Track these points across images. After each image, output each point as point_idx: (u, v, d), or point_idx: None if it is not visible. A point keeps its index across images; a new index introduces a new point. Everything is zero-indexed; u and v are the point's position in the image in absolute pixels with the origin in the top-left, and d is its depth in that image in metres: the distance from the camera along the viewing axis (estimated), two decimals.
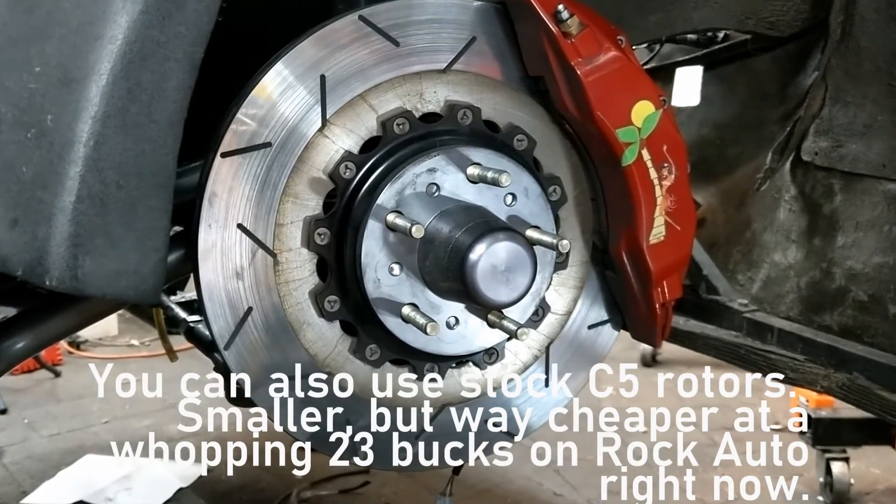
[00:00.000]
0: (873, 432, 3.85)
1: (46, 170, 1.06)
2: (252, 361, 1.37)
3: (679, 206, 1.49)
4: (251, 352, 1.37)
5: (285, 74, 1.33)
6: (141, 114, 1.08)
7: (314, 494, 3.70)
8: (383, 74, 1.38)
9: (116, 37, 1.05)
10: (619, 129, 1.40)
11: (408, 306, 1.37)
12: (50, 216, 1.05)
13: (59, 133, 1.05)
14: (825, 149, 1.88)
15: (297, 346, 1.40)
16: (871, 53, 1.77)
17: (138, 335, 5.88)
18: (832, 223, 1.90)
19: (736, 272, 2.14)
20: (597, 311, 1.64)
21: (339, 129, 1.37)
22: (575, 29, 1.36)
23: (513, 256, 1.30)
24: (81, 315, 1.47)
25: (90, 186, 1.06)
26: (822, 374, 1.84)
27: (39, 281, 1.06)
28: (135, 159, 1.08)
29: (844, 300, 1.87)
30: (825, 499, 3.85)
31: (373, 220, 1.34)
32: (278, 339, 1.39)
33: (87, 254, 1.06)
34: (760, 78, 2.14)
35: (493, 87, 1.46)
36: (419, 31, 1.39)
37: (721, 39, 2.24)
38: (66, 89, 1.06)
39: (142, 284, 1.12)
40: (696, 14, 1.92)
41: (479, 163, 1.37)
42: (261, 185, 1.34)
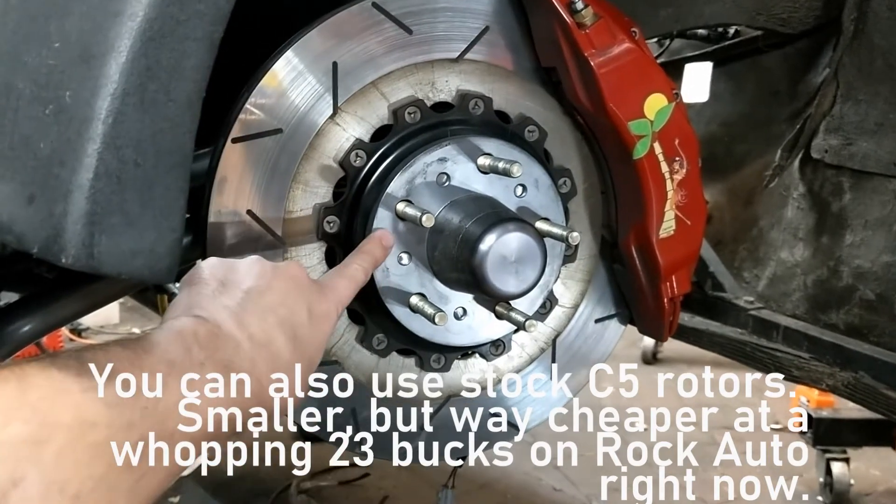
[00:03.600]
0: (874, 433, 3.85)
1: (64, 146, 1.05)
2: None
3: (690, 201, 1.48)
4: None
5: (296, 62, 1.32)
6: (159, 92, 1.07)
7: (314, 485, 3.70)
8: (395, 62, 1.37)
9: (137, 14, 1.04)
10: (631, 122, 1.40)
11: (416, 296, 1.37)
12: (67, 193, 1.05)
13: (77, 110, 1.05)
14: (835, 146, 1.87)
15: None
16: (883, 51, 1.76)
17: (140, 323, 5.88)
18: (840, 221, 1.89)
19: (742, 269, 2.13)
20: (604, 305, 1.63)
21: (350, 117, 1.37)
22: (589, 20, 1.35)
23: (523, 248, 1.30)
24: (88, 299, 1.46)
25: (108, 164, 1.05)
26: (828, 373, 1.84)
27: (55, 259, 1.05)
28: (152, 137, 1.08)
29: (851, 299, 1.87)
30: (825, 499, 3.85)
31: (383, 209, 1.33)
32: None
33: (103, 232, 1.05)
34: (771, 75, 2.13)
35: (505, 78, 1.45)
36: (432, 19, 1.38)
37: (731, 35, 2.23)
38: (85, 66, 1.05)
39: (157, 264, 1.11)
40: (708, 9, 1.91)
41: (489, 153, 1.36)
42: (270, 172, 1.33)
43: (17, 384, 0.74)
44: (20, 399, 0.74)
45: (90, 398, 0.77)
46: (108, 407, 0.78)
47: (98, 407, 0.77)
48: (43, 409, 0.74)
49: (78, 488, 0.74)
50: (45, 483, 0.72)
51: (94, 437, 0.76)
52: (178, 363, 0.89)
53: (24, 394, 0.74)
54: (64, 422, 0.74)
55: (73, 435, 0.75)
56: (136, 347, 0.87)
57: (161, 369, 0.86)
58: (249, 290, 1.03)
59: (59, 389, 0.76)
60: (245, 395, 0.95)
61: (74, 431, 0.75)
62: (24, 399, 0.74)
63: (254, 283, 1.04)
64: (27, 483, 0.71)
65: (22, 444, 0.72)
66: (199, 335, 0.94)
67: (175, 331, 0.93)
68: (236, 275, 1.06)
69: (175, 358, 0.89)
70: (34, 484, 0.71)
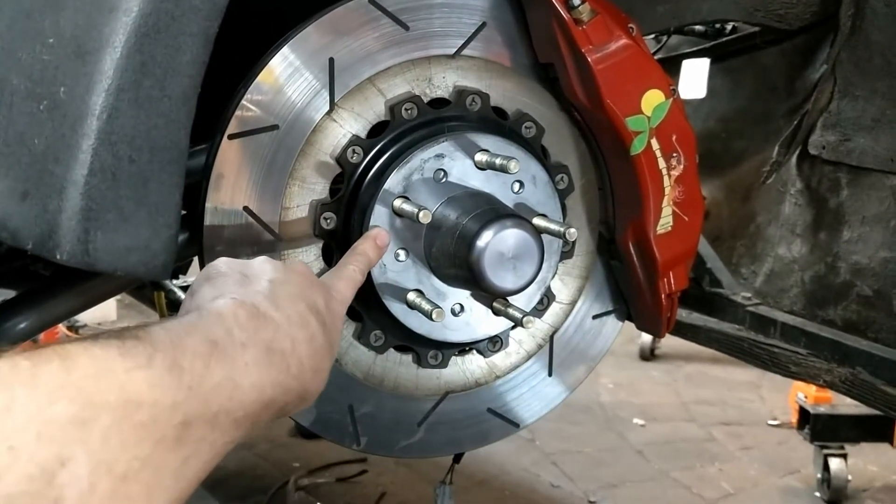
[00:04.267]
0: (871, 429, 3.85)
1: (58, 143, 1.05)
2: None
3: (687, 197, 1.48)
4: None
5: (292, 58, 1.32)
6: (154, 88, 1.07)
7: (311, 482, 3.70)
8: (392, 58, 1.37)
9: (131, 9, 1.04)
10: (628, 118, 1.40)
11: (413, 292, 1.37)
12: (61, 189, 1.04)
13: (71, 106, 1.04)
14: (833, 143, 1.87)
15: None
16: (881, 47, 1.76)
17: (137, 320, 5.86)
18: (838, 217, 1.89)
19: (740, 265, 2.13)
20: (601, 301, 1.63)
21: (346, 113, 1.37)
22: (586, 16, 1.35)
23: (520, 244, 1.30)
24: (85, 296, 1.46)
25: (102, 160, 1.05)
26: (825, 369, 1.84)
27: (50, 255, 1.05)
28: (147, 133, 1.07)
29: (849, 295, 1.86)
30: (822, 495, 3.85)
31: (380, 205, 1.33)
32: None
33: (98, 228, 1.05)
34: (768, 71, 2.13)
35: (502, 74, 1.45)
36: (429, 15, 1.38)
37: (729, 32, 2.23)
38: (79, 61, 1.05)
39: (153, 260, 1.11)
40: (705, 5, 1.91)
41: (487, 149, 1.36)
42: (267, 169, 1.33)
43: (60, 363, 0.73)
44: (65, 378, 0.72)
45: (134, 378, 0.76)
46: (152, 387, 0.77)
47: (142, 387, 0.76)
48: (88, 388, 0.73)
49: (125, 468, 0.74)
50: (92, 463, 0.71)
51: (139, 417, 0.75)
52: (220, 343, 0.88)
53: (68, 373, 0.73)
54: (109, 401, 0.73)
55: (118, 415, 0.74)
56: (177, 328, 0.87)
57: (203, 349, 0.85)
58: (273, 280, 1.03)
59: (103, 368, 0.75)
60: (287, 374, 0.95)
61: (120, 411, 0.74)
62: (68, 378, 0.72)
63: (274, 276, 1.04)
64: (75, 463, 0.70)
65: (68, 424, 0.70)
66: (238, 316, 0.93)
67: (215, 312, 0.93)
68: (253, 269, 1.06)
69: (217, 338, 0.88)
70: (82, 464, 0.70)
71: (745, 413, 4.72)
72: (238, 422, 0.87)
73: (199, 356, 0.84)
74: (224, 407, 0.85)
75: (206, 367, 0.84)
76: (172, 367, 0.80)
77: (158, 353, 0.80)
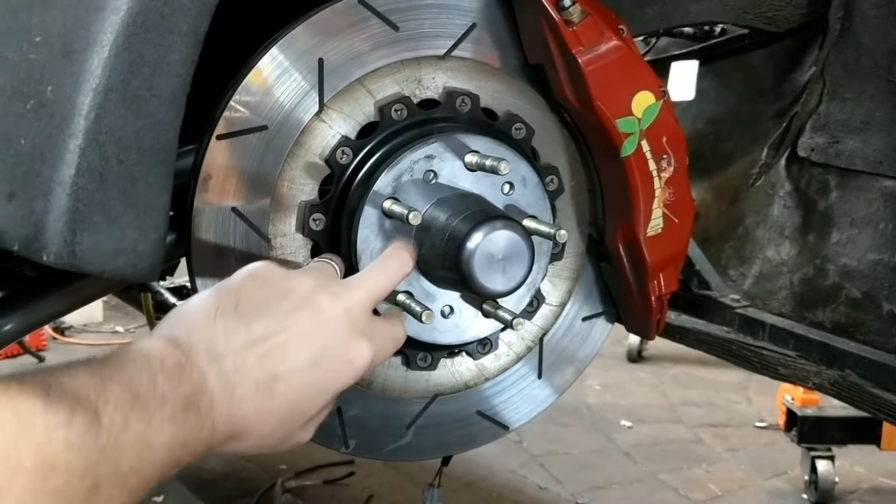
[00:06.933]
0: (859, 431, 3.87)
1: (45, 142, 1.04)
2: None
3: (677, 199, 1.48)
4: None
5: (281, 59, 1.31)
6: (143, 87, 1.06)
7: (298, 485, 3.69)
8: (382, 59, 1.37)
9: (119, 7, 1.03)
10: (618, 120, 1.39)
11: (402, 294, 1.36)
12: (48, 190, 1.03)
13: (59, 105, 1.03)
14: (821, 145, 1.87)
15: None
16: (870, 49, 1.76)
17: (123, 322, 5.85)
18: (827, 220, 1.89)
19: (728, 268, 2.13)
20: (591, 303, 1.63)
21: (336, 114, 1.36)
22: (577, 17, 1.34)
23: (510, 246, 1.29)
24: (71, 297, 1.45)
25: (90, 160, 1.03)
26: (814, 371, 1.83)
27: (36, 256, 1.03)
28: (135, 134, 1.06)
29: (838, 297, 1.87)
30: (810, 497, 3.86)
31: (369, 207, 1.32)
32: None
33: (85, 230, 1.04)
34: (757, 73, 2.13)
35: (492, 75, 1.45)
36: (419, 16, 1.37)
37: (718, 34, 2.23)
38: (66, 60, 1.03)
39: (140, 262, 1.10)
40: (694, 7, 1.91)
41: (477, 151, 1.35)
42: (256, 170, 1.32)
43: None
44: None
45: (54, 438, 0.77)
46: (69, 449, 0.77)
47: (59, 448, 0.77)
48: (7, 450, 0.74)
49: None
50: None
51: (53, 482, 0.76)
52: (142, 396, 0.87)
53: None
54: (26, 466, 0.74)
55: (34, 480, 0.74)
56: (104, 373, 0.86)
57: (124, 401, 0.85)
58: (264, 325, 1.00)
59: (25, 426, 0.75)
60: (198, 437, 0.93)
61: (36, 476, 0.74)
62: None
63: (270, 320, 1.01)
64: None
65: None
66: (165, 364, 0.92)
67: (144, 355, 0.92)
68: (259, 297, 1.03)
69: (139, 389, 0.87)
70: None
71: (733, 415, 4.73)
72: (146, 480, 0.87)
73: (119, 409, 0.84)
74: (134, 467, 0.85)
75: (124, 423, 0.84)
76: (91, 425, 0.80)
77: (80, 408, 0.80)
